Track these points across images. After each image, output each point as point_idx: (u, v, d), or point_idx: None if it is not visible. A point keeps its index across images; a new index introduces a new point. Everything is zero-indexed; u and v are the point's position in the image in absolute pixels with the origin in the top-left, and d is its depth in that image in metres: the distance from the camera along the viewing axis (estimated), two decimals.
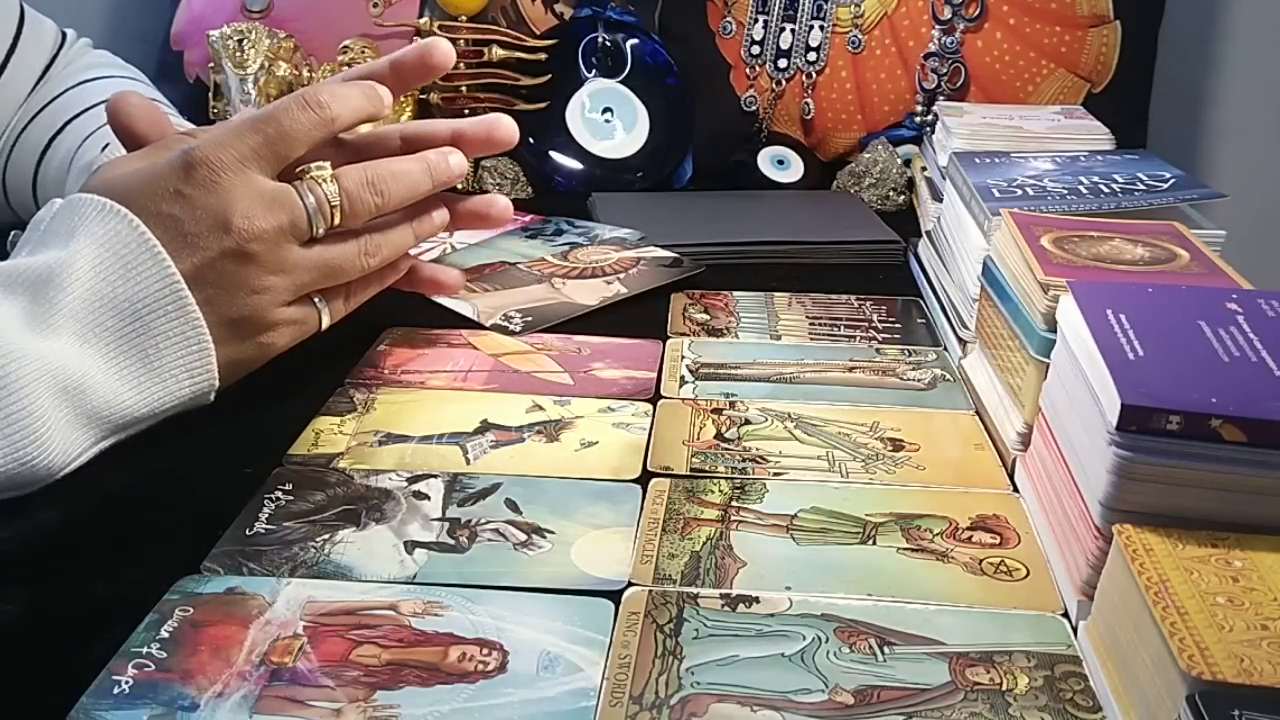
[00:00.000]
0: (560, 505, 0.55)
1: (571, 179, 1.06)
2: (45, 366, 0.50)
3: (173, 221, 0.55)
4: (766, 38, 1.10)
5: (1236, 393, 0.44)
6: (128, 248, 0.53)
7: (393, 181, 0.61)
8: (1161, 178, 0.73)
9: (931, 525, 0.54)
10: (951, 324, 0.74)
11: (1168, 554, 0.42)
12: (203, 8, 1.09)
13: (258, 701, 0.42)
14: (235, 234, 0.55)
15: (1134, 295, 0.53)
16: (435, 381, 0.68)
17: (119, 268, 0.53)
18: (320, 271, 0.60)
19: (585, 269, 0.84)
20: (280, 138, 0.57)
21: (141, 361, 0.53)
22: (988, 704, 0.42)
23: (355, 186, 0.59)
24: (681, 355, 0.72)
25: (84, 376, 0.51)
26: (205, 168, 0.55)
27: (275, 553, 0.51)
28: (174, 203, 0.55)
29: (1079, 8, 1.06)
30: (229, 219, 0.55)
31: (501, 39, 1.04)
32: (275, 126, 0.57)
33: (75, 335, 0.52)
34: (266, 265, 0.57)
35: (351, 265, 0.61)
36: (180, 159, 0.56)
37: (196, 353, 0.55)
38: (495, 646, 0.45)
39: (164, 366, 0.54)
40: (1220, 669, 0.36)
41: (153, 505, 0.55)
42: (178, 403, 0.56)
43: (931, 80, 1.07)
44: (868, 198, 1.04)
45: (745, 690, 0.43)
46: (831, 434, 0.62)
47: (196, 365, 0.55)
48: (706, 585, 0.49)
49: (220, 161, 0.55)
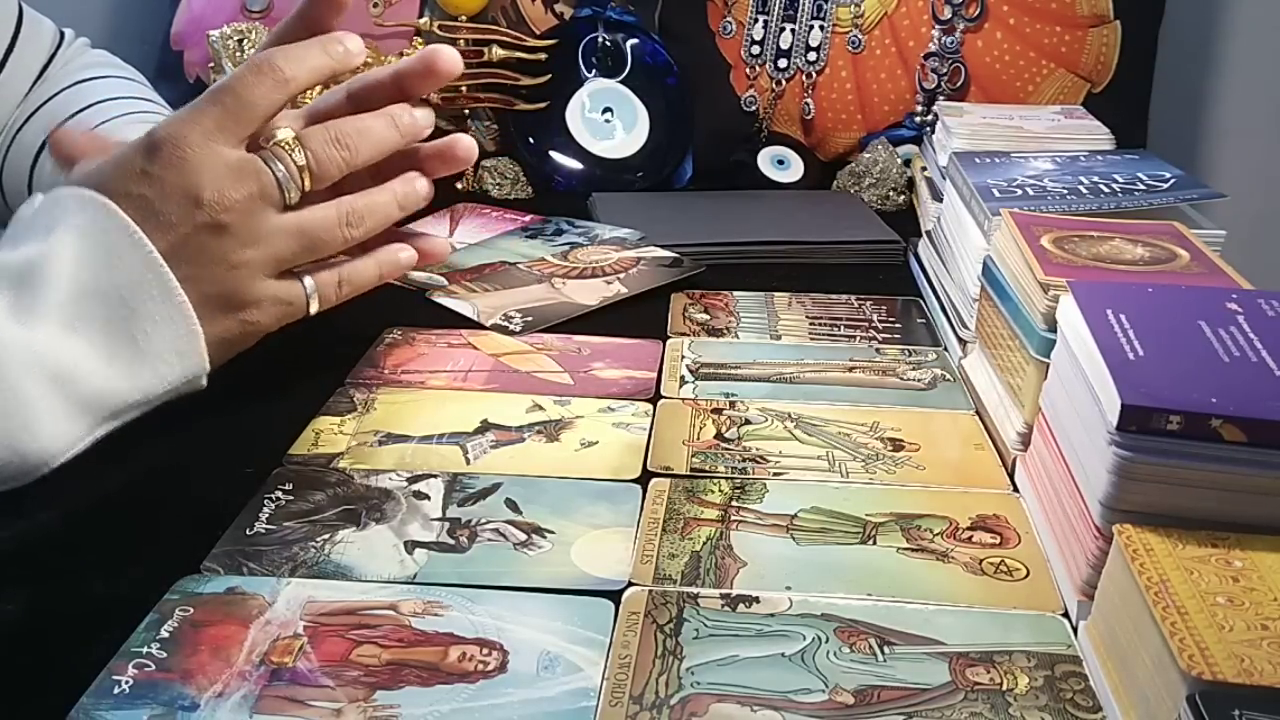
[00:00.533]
0: (560, 505, 0.55)
1: (571, 179, 1.06)
2: (32, 355, 0.50)
3: (143, 202, 0.54)
4: (766, 38, 1.10)
5: (1236, 393, 0.44)
6: (108, 235, 0.53)
7: (358, 137, 0.60)
8: (1161, 178, 0.73)
9: (931, 525, 0.54)
10: (951, 324, 0.74)
11: (1168, 554, 0.42)
12: (203, 8, 1.09)
13: (258, 701, 0.42)
14: (207, 207, 0.55)
15: (1134, 295, 0.53)
16: (435, 381, 0.68)
17: (102, 255, 0.53)
18: (299, 240, 0.59)
19: (585, 269, 0.84)
20: (240, 106, 0.56)
21: (130, 346, 0.53)
22: (988, 704, 0.42)
23: (320, 145, 0.58)
24: (681, 355, 0.72)
25: (73, 363, 0.51)
26: (169, 145, 0.55)
27: (275, 553, 0.51)
28: (142, 183, 0.55)
29: (1079, 8, 1.06)
30: (199, 193, 0.55)
31: (501, 39, 1.04)
32: (233, 96, 0.56)
33: (61, 325, 0.52)
34: (242, 237, 0.56)
35: (332, 235, 0.60)
36: (144, 141, 0.56)
37: (185, 335, 0.55)
38: (495, 646, 0.45)
39: (153, 350, 0.54)
40: (1220, 669, 0.36)
41: (153, 505, 0.55)
42: (170, 386, 0.55)
43: (931, 80, 1.07)
44: (868, 198, 1.04)
45: (745, 690, 0.43)
46: (831, 434, 0.62)
47: (186, 347, 0.55)
48: (707, 585, 0.49)
49: (184, 138, 0.55)
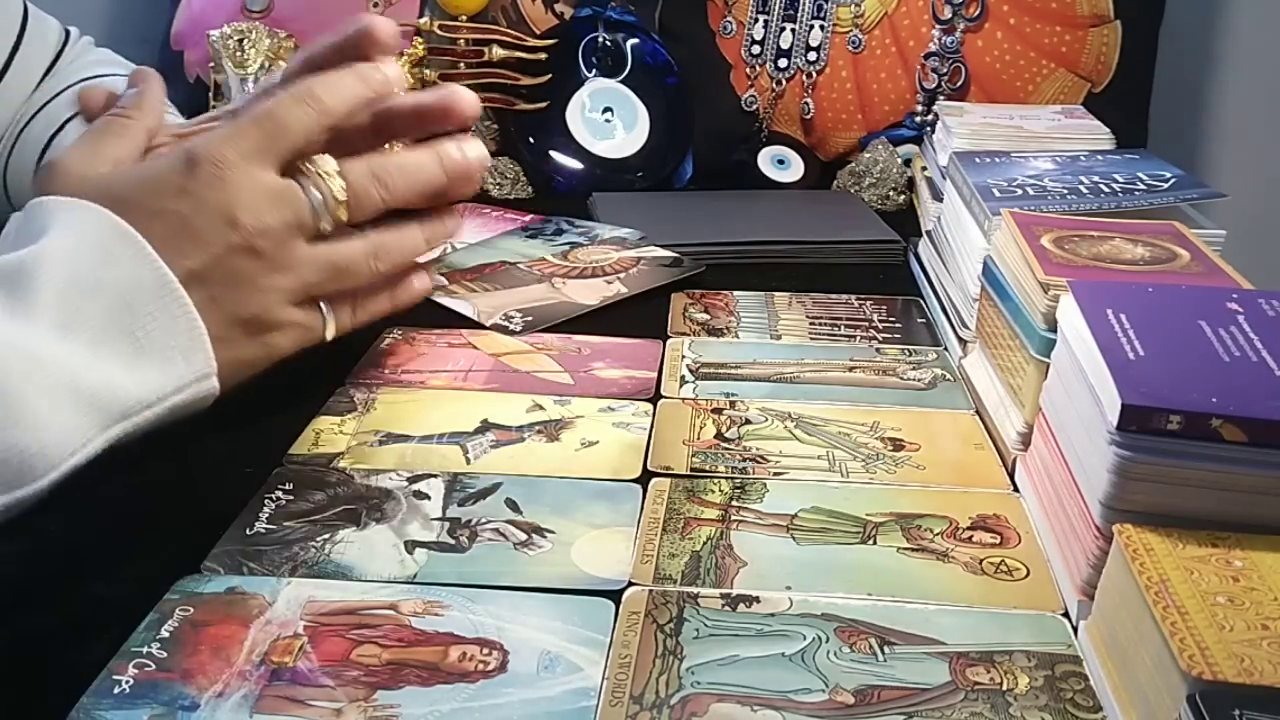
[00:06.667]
0: (560, 505, 0.55)
1: (571, 179, 1.06)
2: (25, 353, 0.49)
3: (177, 218, 0.54)
4: (767, 37, 1.10)
5: (1236, 392, 0.44)
6: (101, 234, 0.52)
7: (400, 176, 0.59)
8: (1161, 177, 0.73)
9: (932, 525, 0.54)
10: (951, 324, 0.74)
11: (1168, 554, 0.42)
12: (203, 8, 1.09)
13: (258, 701, 0.42)
14: (242, 230, 0.55)
15: (1134, 295, 0.53)
16: (435, 381, 0.68)
17: (96, 254, 0.52)
18: (327, 271, 0.59)
19: (585, 269, 0.84)
20: (280, 132, 0.56)
21: (130, 342, 0.52)
22: (988, 704, 0.42)
23: (360, 180, 0.58)
24: (681, 355, 0.72)
25: (69, 361, 0.50)
26: (209, 164, 0.55)
27: (275, 552, 0.51)
28: (178, 199, 0.54)
29: (1079, 8, 1.06)
30: (236, 215, 0.55)
31: (502, 39, 1.04)
32: (272, 121, 0.56)
33: (55, 324, 0.50)
34: (273, 262, 0.56)
35: (359, 268, 0.60)
36: (181, 156, 0.55)
37: (186, 330, 0.53)
38: (495, 646, 0.45)
39: (154, 347, 0.53)
40: (1220, 669, 0.36)
41: (153, 505, 0.55)
42: (180, 384, 0.53)
43: (932, 80, 1.07)
44: (868, 197, 1.04)
45: (745, 690, 0.43)
46: (832, 434, 0.62)
47: (189, 343, 0.54)
48: (707, 585, 0.49)
49: (224, 158, 0.55)
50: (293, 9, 1.06)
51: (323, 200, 0.57)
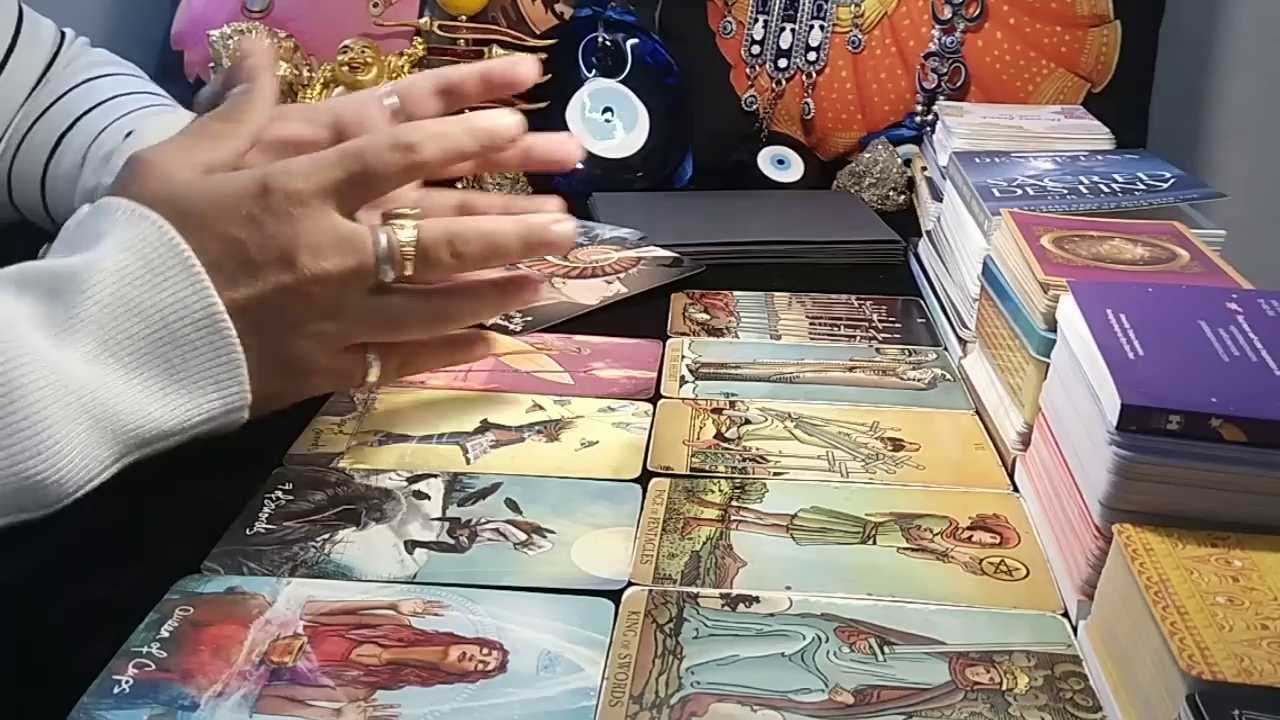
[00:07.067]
0: (560, 505, 0.55)
1: (571, 179, 1.06)
2: (58, 374, 0.47)
3: (238, 246, 0.51)
4: (766, 37, 1.10)
5: (1236, 392, 0.44)
6: (157, 253, 0.50)
7: (477, 243, 0.55)
8: (1161, 177, 0.73)
9: (931, 525, 0.54)
10: (951, 324, 0.74)
11: (1168, 554, 0.42)
12: (203, 8, 1.09)
13: (258, 701, 0.42)
14: (298, 272, 0.52)
15: (1134, 295, 0.53)
16: (435, 381, 0.67)
17: (146, 274, 0.50)
18: (380, 325, 0.56)
19: (585, 269, 0.84)
20: (365, 178, 0.53)
21: (166, 372, 0.50)
22: (988, 704, 0.42)
23: (433, 237, 0.54)
24: (681, 355, 0.72)
25: (103, 386, 0.48)
26: (282, 197, 0.52)
27: (275, 552, 0.51)
28: (244, 226, 0.51)
29: (1079, 8, 1.06)
30: (296, 255, 0.52)
31: (501, 39, 1.04)
32: (361, 164, 0.53)
33: (96, 342, 0.48)
34: (323, 309, 0.53)
35: (412, 325, 0.57)
36: (259, 180, 0.52)
37: (225, 364, 0.51)
38: (495, 646, 0.45)
39: (189, 377, 0.51)
40: (1220, 669, 0.36)
41: (153, 505, 0.55)
42: (206, 416, 0.52)
43: (931, 80, 1.07)
44: (868, 198, 1.04)
45: (745, 690, 0.43)
46: (832, 434, 0.62)
47: (225, 377, 0.51)
48: (706, 585, 0.49)
49: (298, 193, 0.52)
50: (293, 9, 1.06)
51: (387, 250, 0.53)
